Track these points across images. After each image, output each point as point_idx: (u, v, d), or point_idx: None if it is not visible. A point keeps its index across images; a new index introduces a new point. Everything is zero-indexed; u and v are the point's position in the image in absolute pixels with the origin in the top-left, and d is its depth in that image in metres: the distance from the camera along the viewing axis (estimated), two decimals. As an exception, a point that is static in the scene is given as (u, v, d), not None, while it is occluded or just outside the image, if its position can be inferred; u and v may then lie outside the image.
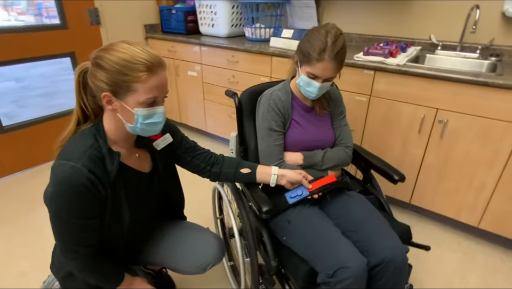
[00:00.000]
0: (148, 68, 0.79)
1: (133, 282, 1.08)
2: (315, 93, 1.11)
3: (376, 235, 1.03)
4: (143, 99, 0.81)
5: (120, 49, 0.78)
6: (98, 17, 2.51)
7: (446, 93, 1.57)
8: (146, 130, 0.88)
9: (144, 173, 1.01)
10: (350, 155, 1.26)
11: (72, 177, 0.79)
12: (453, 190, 1.72)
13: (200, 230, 1.22)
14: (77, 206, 0.83)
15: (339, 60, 1.05)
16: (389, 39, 2.15)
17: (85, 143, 0.85)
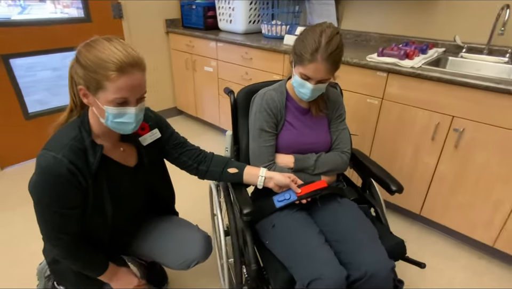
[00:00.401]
0: (118, 68, 0.78)
1: (117, 272, 1.11)
2: (308, 95, 1.07)
3: (361, 247, 0.98)
4: (112, 98, 0.81)
5: (98, 47, 0.79)
6: (121, 11, 2.58)
7: (463, 100, 1.45)
8: (116, 128, 0.88)
9: (129, 167, 1.02)
10: (346, 161, 1.21)
11: (53, 168, 0.82)
12: (467, 204, 1.59)
13: (187, 227, 1.22)
14: (58, 195, 0.86)
15: (333, 61, 1.00)
16: (411, 40, 2.03)
17: (69, 134, 0.88)
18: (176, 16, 2.97)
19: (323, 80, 1.04)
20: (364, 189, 1.33)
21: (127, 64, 0.79)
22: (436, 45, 1.97)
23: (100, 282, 1.09)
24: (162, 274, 1.49)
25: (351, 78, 1.79)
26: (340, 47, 1.01)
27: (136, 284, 1.12)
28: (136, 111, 0.86)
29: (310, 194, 1.09)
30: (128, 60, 0.80)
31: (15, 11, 8.23)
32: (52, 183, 0.84)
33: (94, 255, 1.03)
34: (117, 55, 0.78)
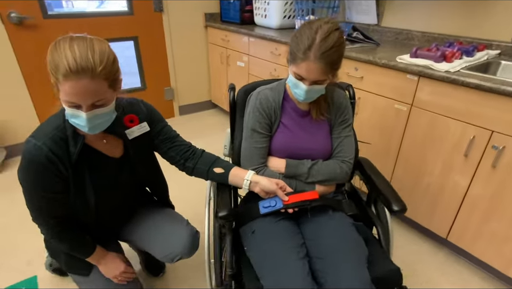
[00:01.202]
0: (64, 74, 0.76)
1: (105, 256, 1.15)
2: (302, 96, 0.98)
3: (338, 268, 0.88)
4: (63, 99, 0.81)
5: (58, 48, 0.78)
6: (162, 5, 2.68)
7: (506, 113, 1.22)
8: (76, 126, 0.88)
9: (114, 158, 1.04)
10: (346, 172, 1.09)
11: (34, 155, 0.86)
12: (503, 236, 1.36)
13: (177, 222, 1.22)
14: (39, 181, 0.90)
15: (327, 61, 0.89)
16: (458, 40, 1.78)
17: (53, 124, 0.90)
18: (216, 10, 3.00)
19: (319, 81, 0.95)
20: (369, 203, 1.20)
21: (72, 71, 0.76)
22: (489, 46, 1.70)
23: (90, 265, 1.14)
24: (160, 262, 1.52)
25: (379, 80, 1.63)
26: (338, 45, 0.90)
27: (122, 270, 1.15)
28: (88, 117, 0.82)
29: (297, 205, 1.01)
30: (75, 67, 0.76)
31: (93, 5, 9.13)
32: (32, 169, 0.88)
33: (80, 238, 1.07)
34: (66, 60, 0.76)
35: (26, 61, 2.24)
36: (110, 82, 0.84)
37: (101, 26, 2.49)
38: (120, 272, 1.15)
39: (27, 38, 2.22)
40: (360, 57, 1.65)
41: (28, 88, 2.29)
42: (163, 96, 3.05)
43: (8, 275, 1.48)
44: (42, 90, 2.37)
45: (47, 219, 0.97)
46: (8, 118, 2.28)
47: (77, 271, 1.16)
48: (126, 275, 1.17)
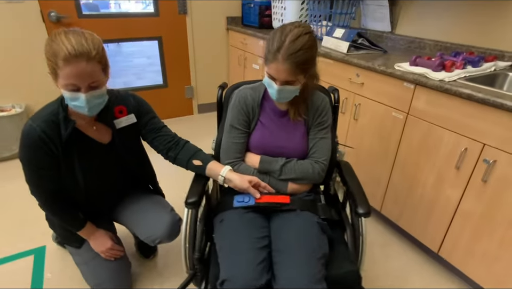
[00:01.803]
0: (65, 58, 0.89)
1: (95, 232, 1.27)
2: (275, 96, 1.03)
3: (289, 262, 0.92)
4: (63, 83, 0.93)
5: (55, 39, 0.91)
6: (186, 8, 2.84)
7: (498, 126, 1.18)
8: (75, 109, 1.01)
9: (102, 143, 1.16)
10: (318, 172, 1.12)
11: (28, 134, 1.00)
12: (494, 255, 1.29)
13: (161, 208, 1.32)
14: (32, 158, 1.03)
15: (295, 62, 0.94)
16: (470, 50, 1.72)
17: (49, 108, 1.05)
18: (238, 14, 3.10)
19: (290, 82, 0.99)
20: (344, 206, 1.21)
21: (72, 55, 0.88)
22: (501, 57, 1.62)
23: (82, 239, 1.27)
24: (151, 246, 1.63)
25: (378, 86, 1.62)
26: (306, 47, 0.94)
27: (109, 246, 1.27)
28: (87, 97, 0.95)
29: (267, 205, 1.08)
30: (73, 51, 0.89)
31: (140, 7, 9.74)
32: (27, 146, 1.02)
33: (72, 213, 1.20)
34: (65, 47, 0.89)
35: (60, 55, 2.49)
36: (102, 66, 0.98)
37: (128, 26, 2.69)
38: (106, 248, 1.26)
39: (63, 34, 2.46)
40: (361, 64, 1.66)
41: (61, 80, 2.55)
42: (183, 94, 3.20)
43: (22, 242, 1.67)
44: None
45: (40, 193, 1.11)
46: (43, 105, 2.55)
47: (70, 243, 1.29)
48: (113, 252, 1.28)
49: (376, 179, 1.77)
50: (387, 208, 1.76)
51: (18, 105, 2.44)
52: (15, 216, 1.84)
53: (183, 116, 3.29)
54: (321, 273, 0.91)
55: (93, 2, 7.56)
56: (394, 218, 1.73)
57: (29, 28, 2.32)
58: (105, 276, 1.27)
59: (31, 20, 2.31)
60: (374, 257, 1.64)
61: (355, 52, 1.83)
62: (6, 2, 2.19)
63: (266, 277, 0.91)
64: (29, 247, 1.64)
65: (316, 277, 0.89)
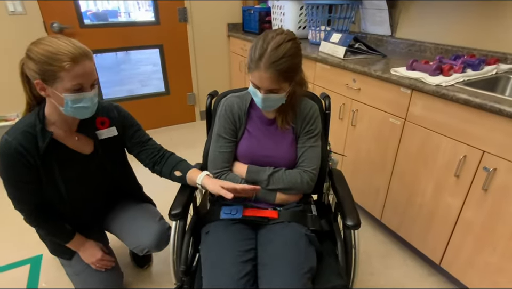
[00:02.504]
0: (71, 58, 0.90)
1: (84, 243, 1.26)
2: (260, 104, 1.01)
3: (275, 276, 0.89)
4: (69, 86, 0.92)
5: (46, 42, 0.91)
6: (186, 15, 2.86)
7: (498, 132, 1.12)
8: (76, 113, 1.00)
9: (83, 153, 1.14)
10: (307, 182, 1.09)
11: (5, 148, 0.98)
12: (497, 267, 1.23)
13: (150, 217, 1.31)
14: (10, 171, 1.01)
15: (277, 70, 0.91)
16: (471, 52, 1.66)
17: (26, 121, 1.02)
18: (238, 20, 3.11)
19: (274, 90, 0.97)
20: (336, 217, 1.17)
21: (78, 55, 0.91)
22: (504, 60, 1.56)
23: (72, 251, 1.26)
24: (145, 255, 1.62)
25: (374, 92, 1.58)
26: (289, 55, 0.92)
27: (99, 257, 1.26)
28: (92, 95, 0.98)
29: (253, 219, 1.06)
30: (77, 51, 0.91)
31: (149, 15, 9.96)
32: (5, 162, 1.00)
33: (58, 225, 1.19)
34: (66, 47, 0.90)
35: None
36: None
37: (130, 34, 2.72)
38: (96, 259, 1.25)
39: (65, 44, 2.51)
40: (357, 69, 1.62)
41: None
42: (185, 101, 3.22)
43: (19, 251, 1.68)
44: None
45: (24, 206, 1.10)
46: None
47: (60, 254, 1.29)
48: (103, 263, 1.27)
49: (375, 187, 1.72)
50: (387, 217, 1.70)
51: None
52: (12, 225, 1.86)
53: (185, 123, 3.29)
54: (304, 286, 0.88)
55: (102, 12, 7.76)
56: (394, 227, 1.67)
57: (32, 39, 2.36)
58: (96, 287, 1.26)
59: (34, 31, 2.36)
60: (372, 267, 1.58)
61: (352, 57, 1.79)
62: (10, 14, 2.24)
63: None
64: (25, 256, 1.65)
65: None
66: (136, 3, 9.33)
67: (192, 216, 1.20)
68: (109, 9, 8.49)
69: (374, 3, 2.10)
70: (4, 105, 2.44)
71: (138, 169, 1.36)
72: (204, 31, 3.01)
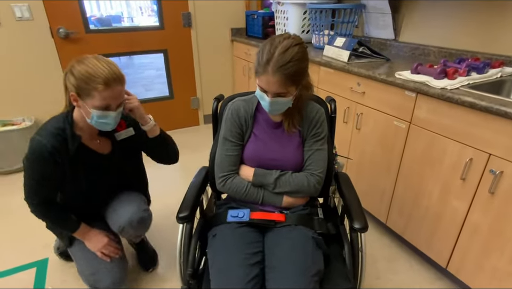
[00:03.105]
0: (104, 83, 1.01)
1: (89, 232, 1.32)
2: (267, 108, 1.02)
3: (282, 279, 0.89)
4: (97, 104, 1.03)
5: (88, 63, 1.01)
6: (190, 21, 2.88)
7: (504, 135, 1.13)
8: (99, 126, 1.11)
9: (103, 154, 1.24)
10: (314, 185, 1.09)
11: (39, 149, 1.08)
12: (506, 271, 1.22)
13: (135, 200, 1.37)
14: (38, 168, 1.12)
15: (285, 74, 0.92)
16: (476, 56, 1.67)
17: (56, 125, 1.12)
18: (242, 25, 3.13)
19: (281, 94, 0.98)
20: (342, 220, 1.17)
21: (111, 80, 1.02)
22: (509, 63, 1.57)
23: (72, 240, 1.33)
24: (153, 257, 1.63)
25: (379, 95, 1.59)
26: (296, 59, 0.93)
27: (105, 243, 1.31)
28: (115, 115, 1.09)
29: (260, 222, 1.07)
30: (112, 76, 1.02)
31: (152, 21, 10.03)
32: (36, 159, 1.10)
33: (64, 216, 1.26)
34: (103, 72, 1.00)
35: (69, 70, 2.56)
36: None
37: (135, 39, 2.75)
38: (103, 244, 1.30)
39: (71, 49, 2.54)
40: (361, 72, 1.63)
41: (69, 93, 2.61)
42: (189, 105, 3.23)
43: (25, 254, 1.68)
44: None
45: (35, 199, 1.18)
46: (51, 118, 2.62)
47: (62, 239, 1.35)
48: (110, 249, 1.31)
49: (381, 191, 1.72)
50: (392, 220, 1.70)
51: (29, 119, 2.51)
52: (19, 228, 1.87)
53: (189, 127, 3.31)
54: (311, 289, 0.88)
55: (105, 17, 7.82)
56: (400, 230, 1.67)
57: (39, 44, 2.40)
58: (100, 266, 1.28)
59: (41, 36, 2.39)
60: (378, 271, 1.58)
61: (356, 61, 1.80)
62: (16, 20, 2.28)
63: (256, 294, 0.88)
64: (32, 260, 1.66)
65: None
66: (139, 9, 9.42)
67: (199, 219, 1.21)
68: (112, 15, 8.57)
69: (377, 8, 2.11)
70: (11, 110, 2.47)
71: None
72: (208, 36, 3.03)
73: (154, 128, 1.27)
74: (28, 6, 2.26)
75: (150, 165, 1.45)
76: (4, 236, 1.82)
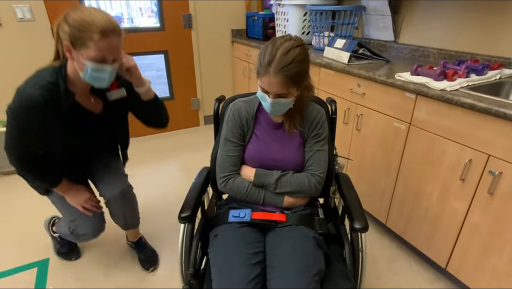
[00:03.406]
0: (100, 32, 0.95)
1: (71, 187, 1.33)
2: (269, 109, 1.03)
3: (283, 279, 0.89)
4: (93, 55, 0.98)
5: (84, 11, 0.98)
6: (191, 22, 2.89)
7: (503, 136, 1.14)
8: (92, 82, 1.07)
9: (95, 113, 1.24)
10: (315, 185, 1.10)
11: (28, 100, 1.02)
12: (505, 271, 1.23)
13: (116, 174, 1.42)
14: (25, 120, 1.06)
15: (287, 75, 0.93)
16: (475, 57, 1.68)
17: (47, 78, 1.05)
18: (242, 26, 3.14)
19: (282, 95, 0.99)
20: (343, 220, 1.18)
21: (108, 30, 0.96)
22: (508, 65, 1.58)
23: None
24: (153, 257, 1.63)
25: (379, 97, 1.60)
26: (298, 60, 0.94)
27: (87, 197, 1.34)
28: (111, 69, 1.04)
29: (261, 222, 1.08)
30: (109, 26, 0.97)
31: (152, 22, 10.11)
32: (24, 111, 1.03)
33: (46, 171, 1.23)
34: (99, 20, 0.96)
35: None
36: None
37: (135, 40, 2.76)
38: (84, 199, 1.33)
39: (72, 50, 2.54)
40: (361, 74, 1.64)
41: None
42: (189, 106, 3.24)
43: (26, 254, 1.69)
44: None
45: (19, 153, 1.14)
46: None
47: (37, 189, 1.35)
48: (91, 204, 1.34)
49: (381, 191, 1.73)
50: (392, 221, 1.71)
51: (29, 119, 2.52)
52: (20, 228, 1.88)
53: (189, 128, 3.32)
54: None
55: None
56: (400, 231, 1.67)
57: (40, 45, 2.41)
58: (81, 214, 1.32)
59: (42, 37, 2.39)
60: (378, 271, 1.58)
61: (356, 62, 1.81)
62: (18, 21, 2.28)
63: (258, 293, 0.89)
64: (33, 260, 1.66)
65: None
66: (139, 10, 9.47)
67: (200, 220, 1.21)
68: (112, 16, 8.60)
69: (377, 9, 2.13)
70: (11, 110, 2.47)
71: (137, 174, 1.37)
72: (208, 37, 3.04)
73: (150, 91, 1.25)
74: (29, 6, 2.27)
75: (149, 166, 1.47)
76: (4, 236, 1.83)
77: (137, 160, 2.60)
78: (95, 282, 1.54)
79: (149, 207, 2.04)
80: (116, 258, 1.68)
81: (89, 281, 1.55)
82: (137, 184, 1.40)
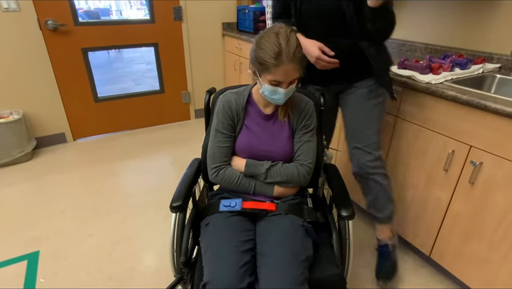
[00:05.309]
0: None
1: None
2: (282, 99, 1.05)
3: (273, 265, 0.92)
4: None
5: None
6: (181, 14, 2.87)
7: (483, 128, 1.18)
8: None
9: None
10: (303, 175, 1.13)
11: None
12: (483, 257, 1.29)
13: None
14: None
15: (298, 59, 0.97)
16: (460, 52, 1.73)
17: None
18: (233, 20, 3.14)
19: (293, 81, 1.01)
20: (331, 209, 1.21)
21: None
22: (490, 59, 1.63)
23: None
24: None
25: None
26: (298, 43, 0.98)
27: None
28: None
29: (252, 211, 1.10)
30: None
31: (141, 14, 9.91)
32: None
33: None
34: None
35: (58, 62, 2.53)
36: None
37: (125, 32, 2.73)
38: None
39: (60, 41, 2.51)
40: (350, 67, 1.67)
41: (58, 86, 2.58)
42: (180, 100, 3.23)
43: (16, 247, 1.68)
44: (70, 87, 2.65)
45: None
46: (40, 112, 2.58)
47: None
48: None
49: (368, 182, 1.77)
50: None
51: (16, 112, 2.48)
52: (10, 221, 1.86)
53: (180, 121, 3.31)
54: (303, 276, 0.92)
55: (93, 10, 7.69)
56: (386, 221, 1.72)
57: (26, 36, 2.37)
58: None
59: (29, 28, 2.35)
60: (364, 260, 1.63)
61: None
62: (3, 11, 2.23)
63: (249, 279, 0.91)
64: (23, 252, 1.66)
65: (298, 279, 0.90)
66: (128, 2, 9.29)
67: (192, 210, 1.23)
68: (100, 8, 8.44)
69: (366, 4, 2.15)
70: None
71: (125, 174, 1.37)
72: (199, 30, 3.03)
73: None
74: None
75: (140, 159, 1.45)
76: (-7, 230, 1.81)
77: (127, 154, 2.60)
78: (86, 273, 1.55)
79: (140, 200, 2.05)
80: (108, 249, 1.69)
81: (80, 272, 1.55)
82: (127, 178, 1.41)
